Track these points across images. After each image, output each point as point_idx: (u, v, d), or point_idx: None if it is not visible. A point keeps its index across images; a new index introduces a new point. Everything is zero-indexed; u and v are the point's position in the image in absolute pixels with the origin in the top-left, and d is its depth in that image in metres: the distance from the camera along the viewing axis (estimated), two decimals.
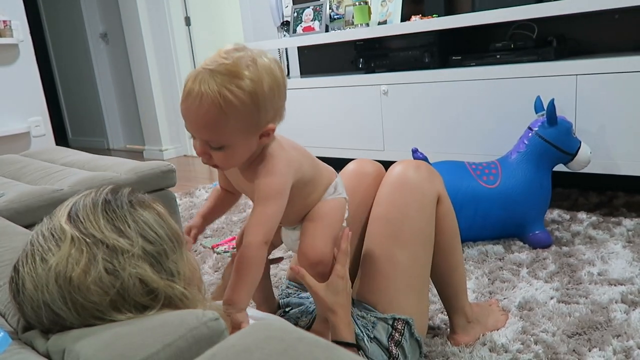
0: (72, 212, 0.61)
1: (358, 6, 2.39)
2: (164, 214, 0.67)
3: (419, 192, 1.04)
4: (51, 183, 1.54)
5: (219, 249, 1.88)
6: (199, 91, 0.72)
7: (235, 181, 0.91)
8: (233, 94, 0.72)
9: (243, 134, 0.76)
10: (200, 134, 0.76)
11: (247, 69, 0.73)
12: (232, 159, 0.79)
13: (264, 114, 0.76)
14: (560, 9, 1.78)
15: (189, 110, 0.74)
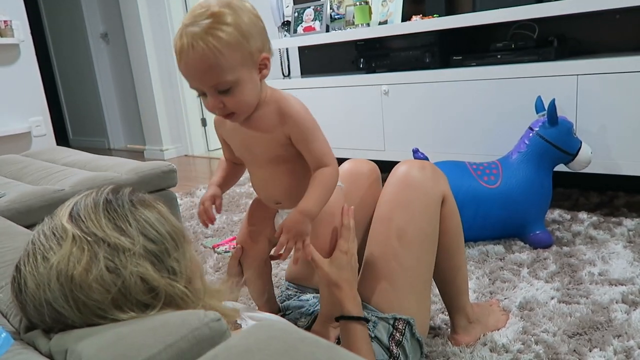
0: (73, 211, 0.61)
1: (359, 6, 2.39)
2: (166, 213, 0.67)
3: (423, 192, 1.04)
4: (52, 183, 1.54)
5: (220, 249, 1.88)
6: (189, 43, 0.75)
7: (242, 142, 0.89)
8: (219, 31, 0.75)
9: (243, 66, 0.78)
10: (205, 81, 0.78)
11: (222, 9, 0.77)
12: (244, 98, 0.80)
13: (253, 42, 0.78)
14: (560, 9, 1.78)
15: (188, 63, 0.77)
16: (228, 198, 2.55)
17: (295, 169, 0.88)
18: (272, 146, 0.86)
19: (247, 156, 0.91)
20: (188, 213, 2.39)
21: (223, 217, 2.27)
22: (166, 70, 4.03)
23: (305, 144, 0.84)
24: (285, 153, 0.86)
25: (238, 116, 0.83)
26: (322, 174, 0.85)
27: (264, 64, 0.82)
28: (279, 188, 0.91)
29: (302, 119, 0.83)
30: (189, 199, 2.63)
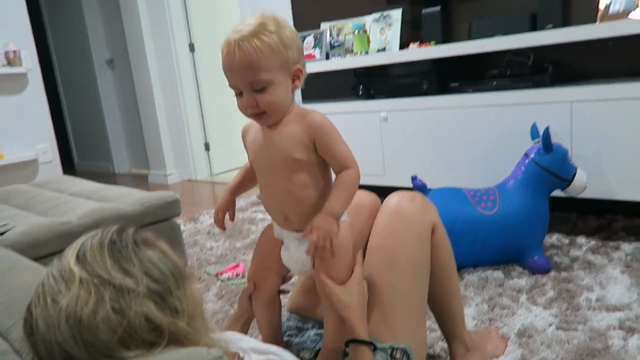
0: (80, 253, 0.65)
1: (357, 35, 2.45)
2: (167, 252, 0.70)
3: (414, 222, 1.07)
4: (60, 214, 1.58)
5: (223, 277, 1.91)
6: (236, 43, 0.86)
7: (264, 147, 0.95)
8: (264, 36, 0.86)
9: (279, 70, 0.88)
10: (245, 77, 0.87)
11: (269, 21, 0.89)
12: (276, 98, 0.88)
13: (290, 53, 0.89)
14: (554, 38, 1.84)
15: (232, 62, 0.87)
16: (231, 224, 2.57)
17: (308, 180, 0.93)
18: (294, 149, 0.91)
19: (265, 162, 0.95)
20: (191, 240, 2.42)
21: (226, 243, 2.30)
22: (170, 95, 4.10)
23: (329, 148, 0.91)
24: (303, 158, 0.91)
25: (268, 117, 0.90)
26: (345, 176, 0.92)
27: (297, 75, 0.91)
28: (290, 199, 0.94)
29: (326, 125, 0.92)
30: (192, 225, 2.67)
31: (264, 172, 0.97)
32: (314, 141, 0.91)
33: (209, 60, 4.18)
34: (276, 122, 0.92)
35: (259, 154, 0.96)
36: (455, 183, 2.04)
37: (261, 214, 2.74)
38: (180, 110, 4.08)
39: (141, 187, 4.04)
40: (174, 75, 4.02)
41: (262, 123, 0.92)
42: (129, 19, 4.05)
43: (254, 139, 0.97)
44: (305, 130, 0.91)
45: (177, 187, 3.97)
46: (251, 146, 0.98)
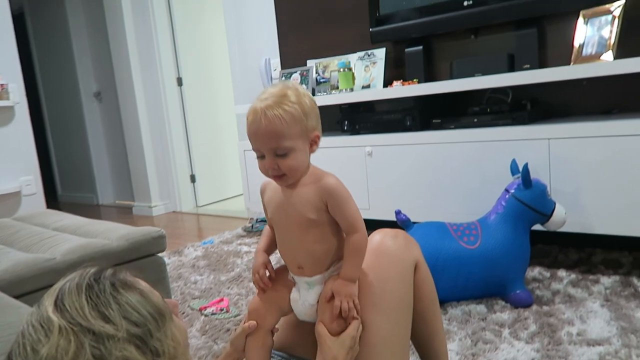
0: (58, 300, 0.64)
1: (342, 72, 2.52)
2: (147, 292, 0.70)
3: (397, 260, 1.09)
4: (43, 250, 1.57)
5: (207, 311, 1.89)
6: (262, 111, 0.94)
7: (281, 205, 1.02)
8: (288, 106, 0.94)
9: (300, 137, 0.96)
10: (269, 143, 0.95)
11: (290, 91, 0.97)
12: (296, 163, 0.97)
13: (310, 121, 0.97)
14: (531, 78, 1.91)
15: (258, 128, 0.95)
16: (216, 257, 2.57)
17: (321, 236, 1.00)
18: (308, 210, 0.98)
19: (282, 219, 1.03)
20: (175, 273, 2.40)
21: (210, 277, 2.29)
22: (157, 128, 4.12)
23: (339, 211, 0.99)
24: (317, 218, 0.99)
25: (287, 178, 0.98)
26: (354, 242, 1.00)
27: (315, 140, 1.00)
28: (304, 252, 1.01)
29: (339, 190, 0.99)
30: (176, 258, 2.65)
31: (281, 228, 1.05)
32: (326, 203, 0.99)
33: (197, 93, 4.23)
34: (294, 183, 1.00)
35: (276, 211, 1.04)
36: (438, 217, 2.08)
37: (246, 246, 2.74)
38: (166, 142, 4.10)
39: (125, 219, 4.02)
40: (161, 108, 4.06)
41: (282, 184, 1.00)
42: (117, 52, 4.10)
43: (272, 197, 1.05)
44: (319, 193, 0.98)
45: (162, 219, 3.95)
46: (269, 203, 1.06)
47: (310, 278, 1.03)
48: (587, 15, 1.99)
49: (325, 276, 1.03)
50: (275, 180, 1.00)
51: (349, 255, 1.00)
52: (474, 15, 2.25)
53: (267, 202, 1.07)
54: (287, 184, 1.00)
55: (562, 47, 2.17)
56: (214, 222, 3.67)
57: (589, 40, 1.97)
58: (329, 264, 1.03)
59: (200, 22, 4.23)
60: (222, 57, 4.15)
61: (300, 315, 1.07)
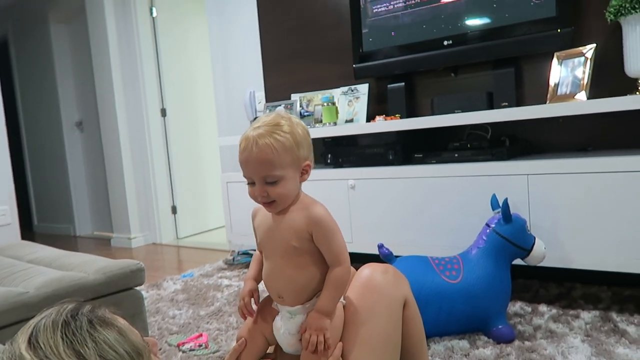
0: (32, 336, 0.62)
1: (326, 107, 2.56)
2: (125, 330, 0.68)
3: (386, 296, 1.08)
4: (16, 283, 1.52)
5: (185, 347, 1.84)
6: (254, 140, 0.96)
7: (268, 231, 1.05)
8: (280, 136, 0.96)
9: (291, 167, 0.98)
10: (260, 172, 0.97)
11: (284, 120, 1.00)
12: (286, 191, 0.99)
13: (302, 151, 1.00)
14: (509, 116, 1.96)
15: (249, 156, 0.97)
16: (195, 291, 2.52)
17: (302, 265, 1.02)
18: (293, 237, 1.00)
19: (268, 244, 1.05)
20: (153, 307, 2.34)
21: (189, 311, 2.24)
22: (139, 158, 4.09)
23: (324, 242, 1.00)
24: (299, 246, 1.00)
25: (276, 205, 1.00)
26: (335, 274, 1.01)
27: (306, 170, 1.03)
28: (284, 280, 1.02)
29: (325, 221, 1.01)
30: (154, 292, 2.59)
31: (267, 253, 1.07)
32: (311, 233, 1.00)
33: (180, 125, 4.24)
34: (283, 209, 1.02)
35: (264, 236, 1.06)
36: (420, 251, 2.08)
37: (227, 280, 2.70)
38: (148, 173, 4.06)
39: (103, 250, 3.93)
40: (144, 139, 4.04)
41: (271, 210, 1.02)
42: (101, 81, 4.10)
43: (262, 222, 1.07)
44: (305, 222, 1.00)
45: (141, 251, 3.87)
46: (258, 228, 1.08)
47: (292, 307, 1.04)
48: (561, 57, 2.07)
49: (307, 307, 1.02)
50: (265, 206, 1.02)
51: (327, 287, 1.01)
52: (454, 54, 2.32)
53: (257, 226, 1.09)
54: (276, 211, 1.02)
55: (538, 86, 2.24)
56: (194, 255, 3.61)
57: (564, 80, 2.05)
58: (309, 294, 1.03)
59: (186, 53, 4.27)
60: (207, 89, 4.17)
61: (284, 345, 1.06)
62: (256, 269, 1.13)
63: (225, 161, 3.51)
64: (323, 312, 0.99)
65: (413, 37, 2.42)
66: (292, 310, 1.03)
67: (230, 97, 3.42)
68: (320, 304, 1.00)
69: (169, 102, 4.14)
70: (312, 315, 0.99)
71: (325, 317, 0.99)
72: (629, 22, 1.85)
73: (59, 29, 4.71)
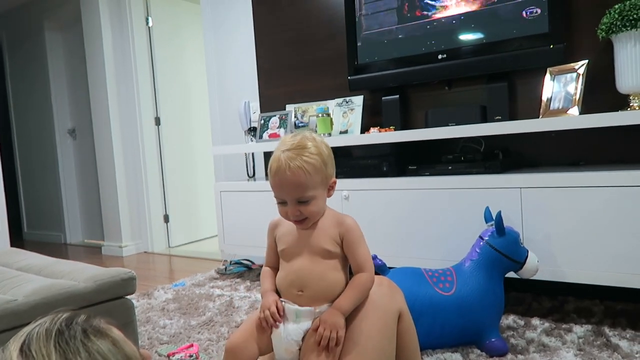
0: (24, 345, 0.62)
1: (321, 118, 2.56)
2: (119, 341, 0.67)
3: (380, 309, 1.08)
4: (4, 291, 1.50)
5: (175, 358, 1.82)
6: (286, 164, 1.03)
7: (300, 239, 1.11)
8: (310, 159, 1.03)
9: (321, 185, 1.06)
10: (293, 194, 1.04)
11: (310, 142, 1.07)
12: (317, 209, 1.07)
13: (329, 169, 1.09)
14: (502, 129, 1.98)
15: (282, 179, 1.04)
16: (187, 300, 2.49)
17: (334, 266, 1.09)
18: (327, 242, 1.08)
19: (297, 250, 1.11)
20: (144, 317, 2.31)
21: (180, 321, 2.21)
22: (132, 167, 4.08)
23: (353, 248, 1.09)
24: (334, 250, 1.09)
25: (309, 221, 1.08)
26: (359, 278, 1.08)
27: (332, 186, 1.12)
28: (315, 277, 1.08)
29: (356, 229, 1.11)
30: (145, 301, 2.56)
31: (295, 256, 1.12)
32: (342, 238, 1.09)
33: (174, 133, 4.23)
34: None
35: (293, 243, 1.12)
36: (413, 262, 2.08)
37: (219, 289, 2.67)
38: (141, 182, 4.04)
39: (94, 258, 3.89)
40: (138, 147, 4.03)
41: (303, 227, 1.09)
42: (95, 89, 4.09)
43: (287, 232, 1.14)
44: (338, 229, 1.09)
45: (133, 260, 3.84)
46: (282, 238, 1.14)
47: (301, 308, 1.06)
48: (553, 72, 2.09)
49: (315, 313, 1.03)
50: (297, 224, 1.08)
51: (350, 288, 1.07)
52: (448, 68, 2.34)
53: (280, 236, 1.14)
54: (307, 227, 1.09)
55: (531, 100, 2.26)
56: (186, 264, 3.58)
57: (556, 95, 2.07)
58: (326, 299, 1.07)
59: (181, 62, 4.28)
60: (201, 98, 4.18)
61: (279, 352, 1.04)
62: (271, 281, 1.16)
63: (219, 170, 3.50)
64: (341, 310, 1.03)
65: (407, 50, 2.45)
66: (300, 311, 1.05)
67: (225, 107, 3.42)
68: (339, 303, 1.04)
69: (163, 111, 4.14)
70: (329, 312, 1.03)
71: (342, 316, 1.03)
72: (619, 39, 1.88)
73: (54, 37, 4.70)
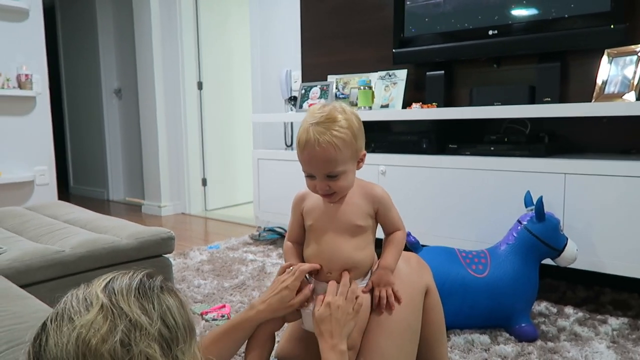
0: (109, 284, 0.68)
1: (362, 90, 2.53)
2: (186, 306, 0.73)
3: (408, 284, 1.08)
4: (53, 242, 1.58)
5: (208, 316, 1.89)
6: (315, 138, 0.98)
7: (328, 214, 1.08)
8: (340, 133, 0.99)
9: (350, 160, 1.02)
10: (323, 169, 1.00)
11: (340, 114, 1.01)
12: (346, 183, 1.03)
13: (359, 142, 1.04)
14: (551, 112, 1.91)
15: (312, 154, 0.99)
16: (221, 263, 2.57)
17: (363, 244, 1.07)
18: (357, 217, 1.06)
19: (326, 226, 1.08)
20: (179, 275, 2.40)
21: (214, 282, 2.29)
22: (173, 129, 4.16)
23: (387, 214, 1.09)
24: (364, 224, 1.06)
25: (337, 195, 1.05)
26: (396, 236, 1.11)
27: (362, 159, 1.07)
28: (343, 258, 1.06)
29: (387, 198, 1.10)
30: (181, 260, 2.65)
31: (322, 234, 1.09)
32: (377, 210, 1.07)
33: (215, 98, 4.28)
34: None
35: (322, 218, 1.09)
36: (447, 242, 2.06)
37: (252, 254, 2.74)
38: (181, 145, 4.13)
39: (134, 216, 4.04)
40: (179, 110, 4.10)
41: (332, 200, 1.06)
42: (142, 51, 4.16)
43: (315, 206, 1.10)
44: (370, 202, 1.07)
45: (170, 220, 3.96)
46: (310, 211, 1.11)
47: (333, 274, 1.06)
48: (611, 54, 1.99)
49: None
50: (326, 198, 1.05)
51: (390, 246, 1.09)
52: (498, 45, 2.25)
53: (308, 210, 1.11)
54: (336, 200, 1.06)
55: (585, 83, 2.16)
56: (221, 227, 3.68)
57: (612, 79, 1.97)
58: (356, 276, 1.07)
59: (226, 28, 4.29)
60: (244, 65, 4.19)
61: (308, 324, 1.06)
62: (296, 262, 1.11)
63: (258, 138, 3.53)
64: (389, 268, 1.06)
65: (456, 24, 2.36)
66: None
67: (266, 75, 3.42)
68: (385, 262, 1.07)
69: (205, 76, 4.18)
70: (378, 273, 1.06)
71: (390, 272, 1.06)
72: None
73: None
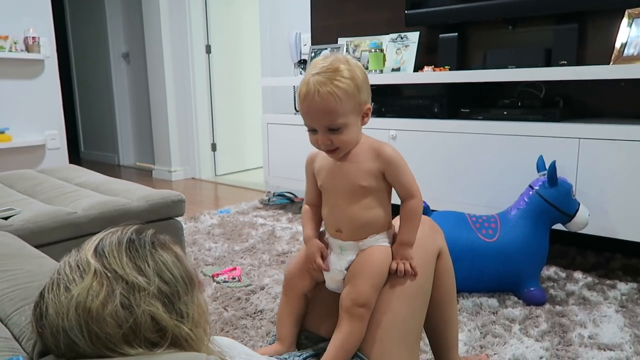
0: (98, 247, 0.67)
1: (373, 53, 2.48)
2: (182, 257, 0.72)
3: (420, 247, 1.08)
4: (65, 204, 1.59)
5: (219, 278, 1.92)
6: (315, 89, 0.93)
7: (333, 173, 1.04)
8: (341, 82, 0.93)
9: (353, 112, 0.97)
10: (322, 121, 0.95)
11: (343, 64, 0.96)
12: (349, 138, 0.98)
13: (362, 95, 0.98)
14: (567, 75, 1.86)
15: (311, 105, 0.94)
16: (231, 227, 2.59)
17: (369, 204, 1.03)
18: (362, 177, 1.01)
19: (334, 185, 1.05)
20: (190, 238, 2.43)
21: (225, 245, 2.31)
22: (182, 94, 4.13)
23: (397, 178, 1.02)
24: (368, 185, 1.01)
25: (340, 151, 1.00)
26: (410, 207, 1.04)
27: (367, 113, 1.00)
28: (348, 218, 1.03)
29: (397, 158, 1.01)
30: (192, 224, 2.68)
31: (330, 194, 1.06)
32: (384, 172, 1.01)
33: (224, 62, 4.22)
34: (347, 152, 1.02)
35: (328, 178, 1.05)
36: (457, 207, 2.06)
37: (262, 219, 2.76)
38: (190, 109, 4.11)
39: (145, 181, 4.07)
40: (188, 75, 4.06)
41: (334, 157, 1.02)
42: (149, 14, 4.10)
43: (323, 166, 1.06)
44: (377, 161, 1.01)
45: (181, 185, 3.99)
46: (319, 171, 1.07)
47: (344, 242, 1.05)
48: (632, 15, 1.92)
49: (360, 246, 1.04)
50: (329, 154, 1.01)
51: (405, 220, 1.04)
52: (514, 6, 2.18)
53: (317, 170, 1.08)
54: (339, 157, 1.02)
55: (603, 46, 2.09)
56: (231, 192, 3.69)
57: (632, 41, 1.91)
58: (367, 233, 1.05)
59: None
60: (252, 28, 4.11)
61: (328, 280, 1.08)
62: (312, 226, 1.10)
63: (267, 102, 3.50)
64: (406, 244, 1.03)
65: None
66: (343, 244, 1.05)
67: (275, 38, 3.36)
68: (402, 237, 1.04)
69: (214, 40, 4.12)
70: (395, 248, 1.04)
71: (409, 247, 1.03)
72: None
73: None
